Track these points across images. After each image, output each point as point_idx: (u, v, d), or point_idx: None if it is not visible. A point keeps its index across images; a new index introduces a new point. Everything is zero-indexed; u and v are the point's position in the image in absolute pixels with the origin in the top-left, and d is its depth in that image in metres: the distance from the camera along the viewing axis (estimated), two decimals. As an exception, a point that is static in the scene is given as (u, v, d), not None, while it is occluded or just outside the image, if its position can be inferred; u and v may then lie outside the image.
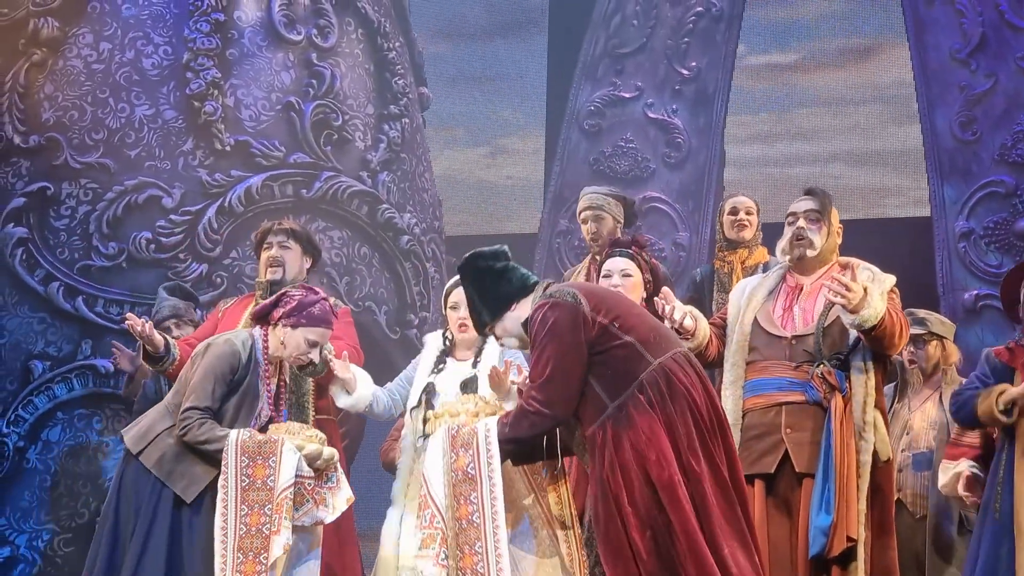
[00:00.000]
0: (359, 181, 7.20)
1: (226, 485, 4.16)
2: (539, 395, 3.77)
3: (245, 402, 4.37)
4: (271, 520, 4.11)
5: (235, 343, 4.40)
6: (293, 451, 4.21)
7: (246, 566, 4.08)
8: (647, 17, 8.05)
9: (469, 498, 3.85)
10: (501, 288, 3.97)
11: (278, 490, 4.14)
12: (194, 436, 4.26)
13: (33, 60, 6.83)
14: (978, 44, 7.27)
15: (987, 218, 7.17)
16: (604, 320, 3.78)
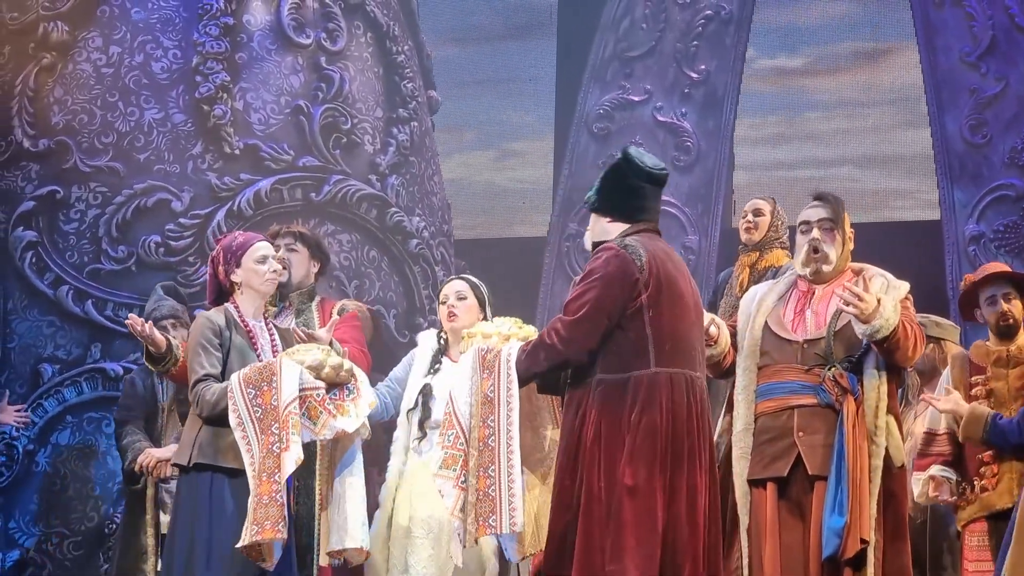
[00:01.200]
0: (368, 184, 7.20)
1: (242, 423, 4.09)
2: (563, 331, 3.87)
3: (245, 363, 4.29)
4: (279, 438, 4.02)
5: (206, 314, 4.41)
6: (292, 365, 4.13)
7: (261, 487, 4.01)
8: (656, 20, 8.04)
9: (487, 421, 3.92)
10: (623, 198, 4.00)
11: (281, 407, 4.05)
12: (207, 404, 4.19)
13: (43, 64, 6.84)
14: (988, 47, 7.25)
15: (997, 221, 7.15)
16: (645, 300, 3.84)
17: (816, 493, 4.16)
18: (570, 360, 3.88)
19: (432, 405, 4.61)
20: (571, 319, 3.85)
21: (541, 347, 3.91)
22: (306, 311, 4.98)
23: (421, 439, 4.62)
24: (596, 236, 4.04)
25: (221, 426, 4.16)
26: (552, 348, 3.87)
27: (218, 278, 4.44)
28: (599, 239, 4.02)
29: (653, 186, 4.04)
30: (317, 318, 4.95)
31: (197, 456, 4.21)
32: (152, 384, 5.66)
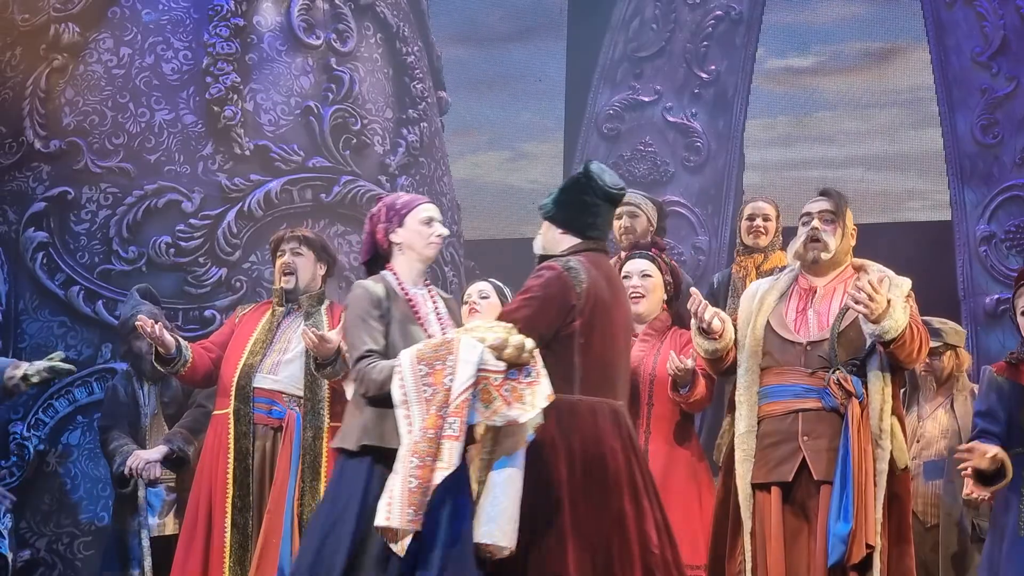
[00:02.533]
0: (378, 185, 7.21)
1: (407, 401, 3.72)
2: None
3: (408, 335, 3.93)
4: (449, 424, 3.68)
5: (364, 283, 3.99)
6: (473, 344, 3.72)
7: (422, 471, 3.66)
8: (666, 21, 8.04)
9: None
10: (578, 213, 4.04)
11: (456, 389, 3.69)
12: (373, 383, 3.80)
13: (54, 65, 6.86)
14: (999, 47, 7.23)
15: (1008, 222, 7.13)
16: (578, 327, 3.89)
17: (821, 498, 4.14)
18: None
19: None
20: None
21: None
22: (315, 314, 4.99)
23: None
24: (546, 245, 4.09)
25: (387, 407, 3.78)
26: None
27: (375, 238, 4.04)
28: (549, 249, 4.06)
29: (608, 204, 4.09)
30: (326, 321, 4.96)
31: (363, 438, 3.83)
32: (134, 390, 5.68)
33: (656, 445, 4.49)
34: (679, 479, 4.49)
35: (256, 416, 4.92)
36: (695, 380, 4.37)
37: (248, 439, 4.92)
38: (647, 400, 4.51)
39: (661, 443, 4.50)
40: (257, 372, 4.97)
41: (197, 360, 5.02)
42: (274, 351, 4.94)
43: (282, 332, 4.97)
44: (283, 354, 4.88)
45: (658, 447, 4.49)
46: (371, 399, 3.82)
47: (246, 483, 4.90)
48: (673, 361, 4.32)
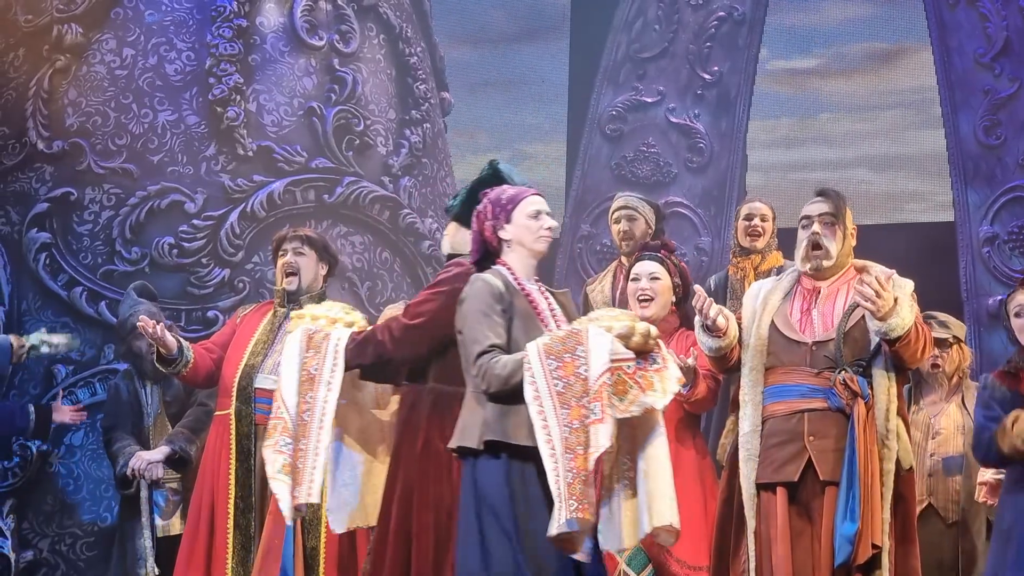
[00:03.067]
0: (381, 186, 7.21)
1: (539, 397, 3.63)
2: (397, 332, 3.97)
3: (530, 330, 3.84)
4: (591, 410, 3.60)
5: (483, 277, 3.89)
6: (602, 334, 3.67)
7: (576, 461, 3.56)
8: (669, 22, 8.03)
9: (306, 397, 4.00)
10: None
11: (593, 379, 3.61)
12: (497, 378, 3.70)
13: (57, 66, 6.86)
14: (1002, 48, 7.23)
15: (1011, 223, 7.13)
16: None
17: (826, 498, 4.14)
18: (395, 361, 3.99)
19: None
20: (407, 323, 3.97)
21: (372, 341, 4.00)
22: (316, 314, 4.98)
23: None
24: (455, 245, 4.14)
25: (509, 403, 3.70)
26: (382, 345, 3.97)
27: (484, 235, 3.94)
28: (457, 250, 4.11)
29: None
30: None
31: (486, 435, 3.72)
32: (136, 390, 5.68)
33: (660, 445, 4.48)
34: (684, 479, 4.47)
35: (258, 417, 4.91)
36: (696, 379, 4.36)
37: (250, 440, 4.92)
38: (651, 401, 4.49)
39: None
40: (259, 373, 4.97)
41: (198, 361, 5.02)
42: (275, 352, 4.94)
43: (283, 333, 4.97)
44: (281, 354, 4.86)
45: (662, 447, 4.48)
46: (492, 395, 3.74)
47: (248, 484, 4.90)
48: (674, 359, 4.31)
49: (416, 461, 3.92)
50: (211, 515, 4.97)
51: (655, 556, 4.38)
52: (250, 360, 5.00)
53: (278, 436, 4.01)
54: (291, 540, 4.69)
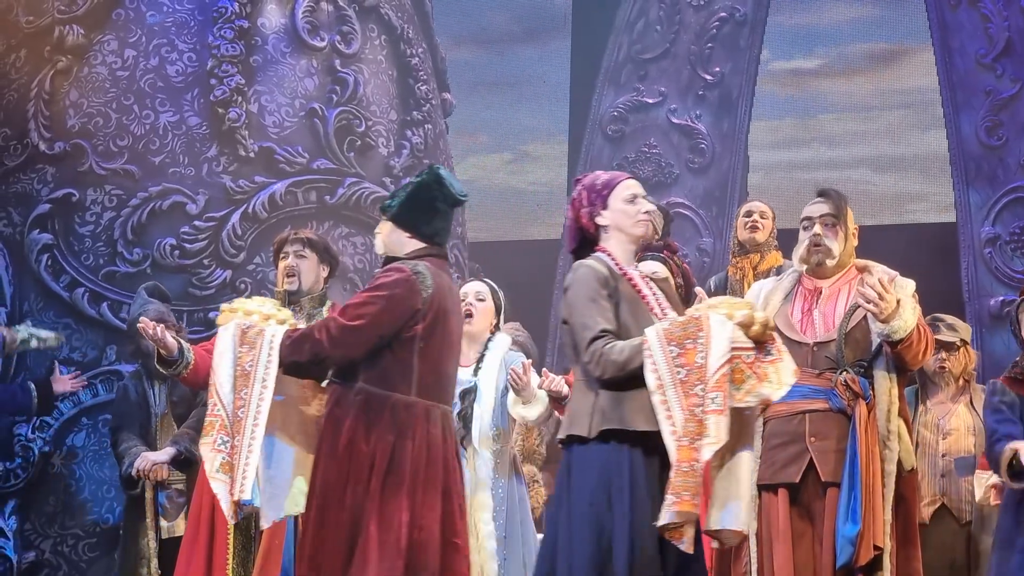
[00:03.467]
0: (382, 187, 7.21)
1: (662, 385, 3.57)
2: (335, 332, 3.96)
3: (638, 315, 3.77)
4: (704, 400, 3.54)
5: (588, 263, 3.80)
6: (723, 321, 3.59)
7: (681, 453, 3.51)
8: (670, 22, 8.03)
9: (240, 393, 4.00)
10: (427, 218, 4.10)
11: (711, 368, 3.54)
12: (614, 363, 3.62)
13: (58, 67, 6.87)
14: (1004, 49, 7.22)
15: (1013, 223, 7.12)
16: (420, 330, 3.98)
17: (828, 500, 4.13)
18: (331, 361, 4.00)
19: None
20: (345, 324, 3.97)
21: (308, 340, 4.00)
22: (317, 315, 4.97)
23: None
24: (390, 247, 4.14)
25: (624, 389, 3.63)
26: (319, 344, 3.97)
27: (580, 222, 3.88)
28: (393, 251, 4.12)
29: (452, 212, 4.17)
30: (329, 321, 4.95)
31: (601, 423, 3.65)
32: (144, 390, 5.68)
33: (662, 447, 4.47)
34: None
35: (260, 418, 4.91)
36: None
37: (252, 441, 4.91)
38: (653, 403, 4.49)
39: (667, 445, 4.48)
40: (260, 375, 4.96)
41: (199, 362, 5.01)
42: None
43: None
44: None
45: (664, 449, 4.47)
46: (606, 381, 3.66)
47: (250, 485, 4.90)
48: None
49: (337, 460, 3.94)
50: (212, 516, 4.96)
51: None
52: (251, 362, 5.00)
53: (216, 434, 4.01)
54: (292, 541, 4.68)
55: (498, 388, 4.63)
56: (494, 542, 4.48)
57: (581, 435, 3.67)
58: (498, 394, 4.62)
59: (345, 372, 4.02)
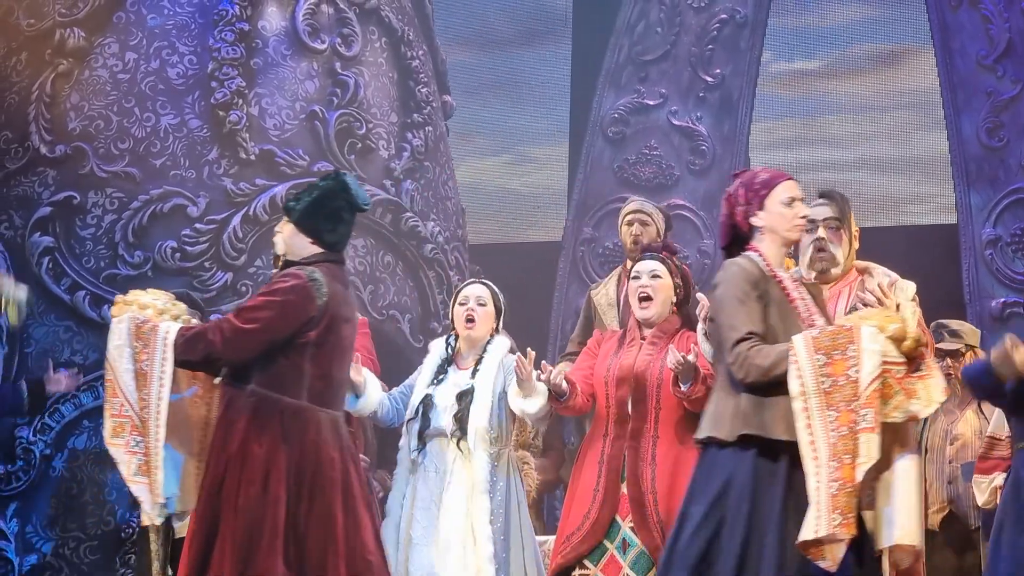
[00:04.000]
0: (383, 189, 7.21)
1: (805, 393, 3.49)
2: (228, 333, 4.02)
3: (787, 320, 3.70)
4: (861, 417, 3.44)
5: (739, 262, 3.74)
6: (875, 333, 3.51)
7: (842, 472, 3.43)
8: (671, 24, 8.03)
9: (141, 393, 4.03)
10: (330, 224, 4.16)
11: (863, 382, 3.45)
12: (758, 367, 3.55)
13: (59, 70, 6.87)
14: (1005, 50, 7.22)
15: (1014, 225, 7.12)
16: (313, 337, 4.04)
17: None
18: (223, 362, 4.06)
19: (432, 415, 4.62)
20: (239, 326, 4.02)
21: (201, 339, 4.05)
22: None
23: (420, 449, 4.62)
24: (291, 250, 4.19)
25: (766, 394, 3.56)
26: (211, 345, 4.02)
27: (734, 220, 3.79)
28: (293, 255, 4.17)
29: (353, 219, 4.24)
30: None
31: (740, 427, 3.57)
32: None
33: (663, 448, 4.47)
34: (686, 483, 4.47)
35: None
36: (697, 377, 4.36)
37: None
38: (654, 404, 4.49)
39: (669, 446, 4.48)
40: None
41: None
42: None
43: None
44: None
45: (666, 450, 4.47)
46: (749, 384, 3.58)
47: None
48: (673, 355, 4.30)
49: (228, 463, 3.99)
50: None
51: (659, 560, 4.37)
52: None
53: (128, 435, 4.03)
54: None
55: (495, 390, 4.63)
56: (491, 545, 4.48)
57: (720, 438, 3.61)
58: (496, 396, 4.62)
59: (238, 374, 4.06)
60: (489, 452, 4.58)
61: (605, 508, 4.45)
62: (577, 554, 4.46)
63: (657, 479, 4.41)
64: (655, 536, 4.36)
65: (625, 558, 4.43)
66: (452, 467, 4.57)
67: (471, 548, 4.46)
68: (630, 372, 4.51)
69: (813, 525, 3.43)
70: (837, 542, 3.45)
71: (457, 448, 4.57)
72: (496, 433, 4.60)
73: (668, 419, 4.50)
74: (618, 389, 4.52)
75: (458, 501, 4.52)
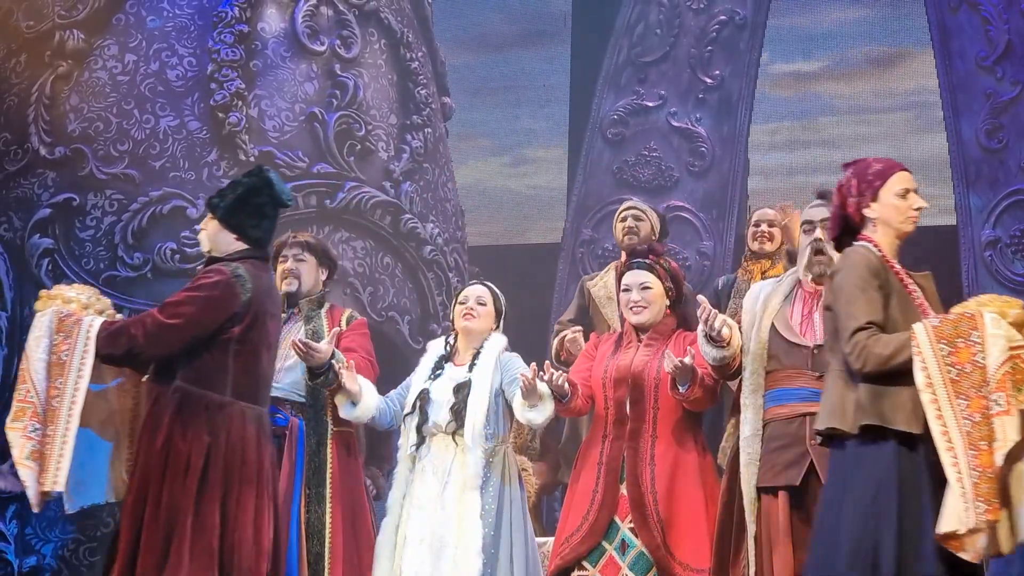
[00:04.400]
0: (382, 191, 7.22)
1: (931, 384, 3.43)
2: (152, 328, 4.08)
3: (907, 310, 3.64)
4: (994, 402, 3.41)
5: (857, 249, 3.68)
6: (997, 319, 3.46)
7: (980, 459, 3.38)
8: (670, 26, 8.04)
9: (55, 382, 4.07)
10: (255, 221, 4.22)
11: (991, 367, 3.41)
12: (878, 356, 3.50)
13: (59, 72, 6.88)
14: (1004, 51, 7.22)
15: (1013, 227, 7.12)
16: (237, 333, 4.11)
17: (828, 502, 4.12)
18: (145, 356, 4.11)
19: (429, 410, 4.61)
20: (163, 321, 4.08)
21: (124, 333, 4.10)
22: (315, 318, 4.98)
23: (419, 444, 4.62)
24: (216, 246, 4.25)
25: (885, 384, 3.50)
26: (134, 339, 4.07)
27: (846, 211, 3.72)
28: (218, 251, 4.24)
29: (277, 214, 4.30)
30: (326, 325, 4.95)
31: (860, 417, 3.52)
32: None
33: (662, 448, 4.47)
34: (685, 482, 4.47)
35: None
36: (694, 378, 4.36)
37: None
38: (652, 404, 4.49)
39: (667, 447, 4.48)
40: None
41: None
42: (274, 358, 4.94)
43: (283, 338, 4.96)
44: (284, 361, 4.86)
45: (664, 451, 4.47)
46: (867, 374, 3.52)
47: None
48: (669, 359, 4.30)
49: (155, 457, 4.04)
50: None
51: (659, 560, 4.37)
52: (249, 366, 5.00)
53: (27, 420, 4.07)
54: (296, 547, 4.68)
55: (492, 387, 4.62)
56: (480, 541, 4.47)
57: (841, 428, 3.57)
58: (492, 393, 4.62)
59: (163, 370, 4.11)
60: (484, 448, 4.57)
61: (604, 509, 4.45)
62: (576, 555, 4.46)
63: (656, 479, 4.41)
64: (655, 536, 4.36)
65: (624, 559, 4.43)
66: (451, 467, 4.57)
67: (459, 543, 4.46)
68: (627, 373, 4.51)
69: (959, 517, 3.39)
70: (978, 532, 3.41)
71: (453, 441, 4.57)
72: (492, 429, 4.60)
73: (666, 419, 4.50)
74: (616, 390, 4.52)
75: (453, 500, 4.52)
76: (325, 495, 4.68)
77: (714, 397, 4.55)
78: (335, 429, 4.84)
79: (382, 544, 4.57)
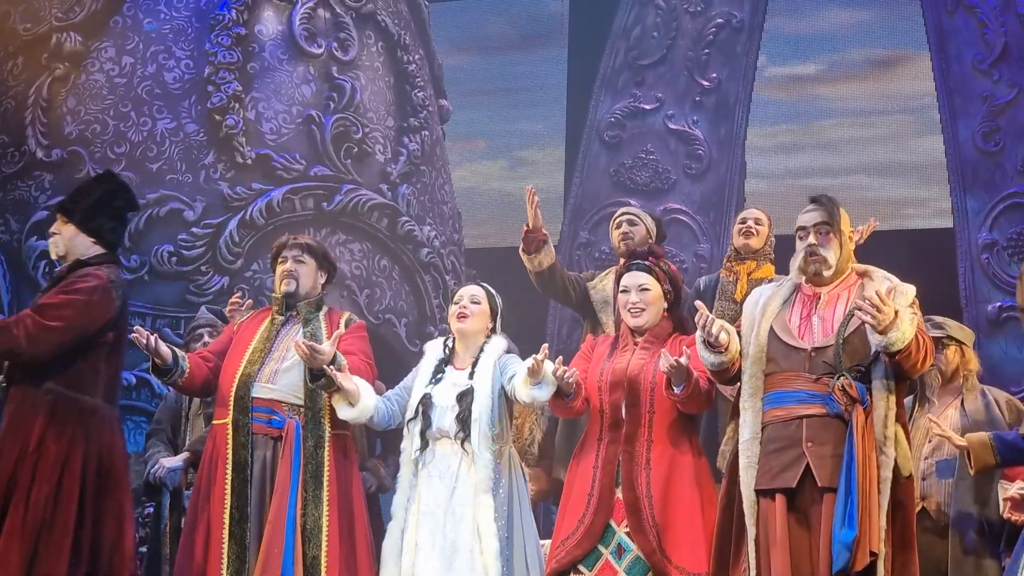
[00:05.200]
0: (379, 194, 7.22)
1: None
2: (32, 329, 4.09)
3: None
4: None
5: None
6: None
7: None
8: (667, 29, 8.04)
9: None
10: (113, 224, 4.29)
11: None
12: None
13: (56, 74, 6.88)
14: (1000, 54, 7.23)
15: (1010, 229, 7.13)
16: (111, 338, 4.18)
17: (825, 505, 4.12)
18: (25, 356, 4.12)
19: (432, 415, 4.61)
20: (43, 323, 4.09)
21: (6, 333, 4.11)
22: (313, 321, 4.97)
23: (423, 449, 4.62)
24: (73, 250, 4.29)
25: None
26: (15, 339, 4.08)
27: None
28: (75, 255, 4.27)
29: (127, 212, 4.39)
30: (325, 328, 4.94)
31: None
32: (181, 396, 5.69)
33: (658, 452, 4.47)
34: (682, 486, 4.47)
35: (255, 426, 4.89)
36: (689, 379, 4.35)
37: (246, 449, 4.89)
38: (648, 408, 4.49)
39: (663, 450, 4.48)
40: (255, 381, 4.94)
41: (195, 370, 4.99)
42: (272, 359, 4.93)
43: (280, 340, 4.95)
44: (281, 362, 4.85)
45: (660, 454, 4.47)
46: None
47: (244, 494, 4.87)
48: (666, 359, 4.30)
49: (22, 460, 4.05)
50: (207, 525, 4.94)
51: (655, 564, 4.37)
52: (246, 369, 4.97)
53: None
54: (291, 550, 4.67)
55: (494, 389, 4.63)
56: (497, 543, 4.47)
57: None
58: (494, 395, 4.62)
59: (32, 373, 4.13)
60: (492, 450, 4.58)
61: (599, 513, 4.45)
62: (572, 558, 4.45)
63: (652, 483, 4.41)
64: (651, 540, 4.36)
65: (620, 563, 4.42)
66: (458, 471, 4.57)
67: (478, 548, 4.45)
68: (623, 376, 4.50)
69: None
70: None
71: (462, 449, 4.57)
72: (497, 431, 4.60)
73: (662, 423, 4.50)
74: (612, 394, 4.51)
75: (464, 505, 4.52)
76: (323, 498, 4.67)
77: (709, 400, 4.55)
78: (332, 432, 4.84)
79: (388, 549, 4.56)
